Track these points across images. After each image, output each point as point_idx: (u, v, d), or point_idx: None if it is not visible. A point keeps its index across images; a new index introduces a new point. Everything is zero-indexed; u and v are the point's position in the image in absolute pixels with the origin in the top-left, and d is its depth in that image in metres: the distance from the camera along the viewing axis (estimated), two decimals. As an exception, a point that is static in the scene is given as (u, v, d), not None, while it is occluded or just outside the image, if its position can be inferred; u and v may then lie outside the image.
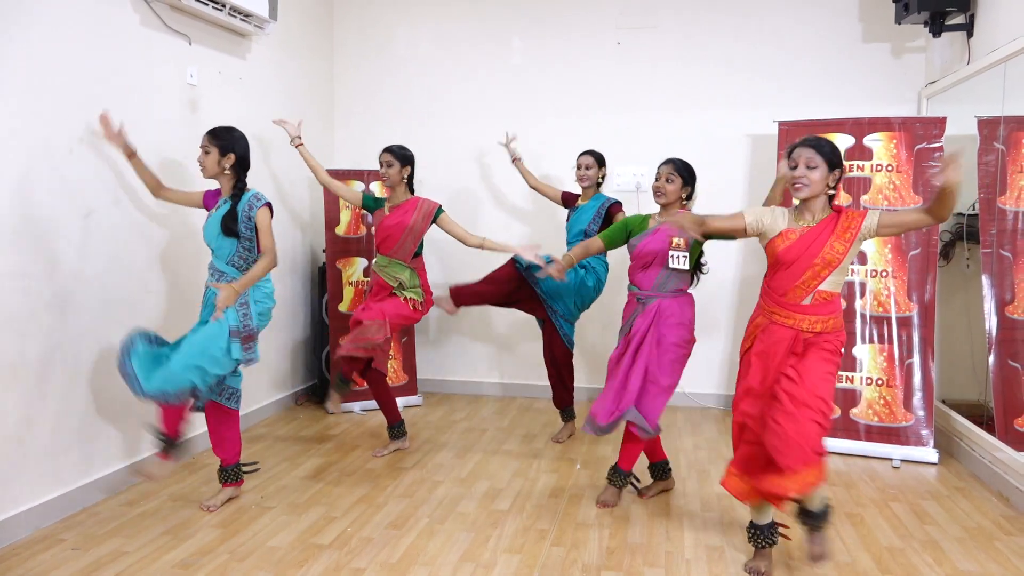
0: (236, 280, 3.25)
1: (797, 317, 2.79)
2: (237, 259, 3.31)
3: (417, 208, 4.07)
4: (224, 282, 3.25)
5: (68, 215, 3.36)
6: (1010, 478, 3.63)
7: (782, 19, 5.13)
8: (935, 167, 2.64)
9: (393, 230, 4.05)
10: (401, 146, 4.11)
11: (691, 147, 5.23)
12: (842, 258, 2.74)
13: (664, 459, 3.73)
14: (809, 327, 2.77)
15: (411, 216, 4.05)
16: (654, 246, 3.43)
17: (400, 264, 4.07)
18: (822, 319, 2.77)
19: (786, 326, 2.80)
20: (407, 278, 4.06)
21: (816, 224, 2.79)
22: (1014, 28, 3.79)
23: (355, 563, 2.95)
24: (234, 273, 3.30)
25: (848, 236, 2.73)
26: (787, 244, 2.79)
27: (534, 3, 5.48)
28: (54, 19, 3.28)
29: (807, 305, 2.78)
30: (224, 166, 3.30)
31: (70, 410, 3.40)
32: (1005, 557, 3.04)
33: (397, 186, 4.10)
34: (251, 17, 4.36)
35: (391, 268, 4.07)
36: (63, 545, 3.08)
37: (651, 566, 2.96)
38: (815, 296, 2.77)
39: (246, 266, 3.31)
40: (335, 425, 4.81)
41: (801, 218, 2.83)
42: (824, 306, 2.78)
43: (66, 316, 3.36)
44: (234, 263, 3.31)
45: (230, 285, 3.18)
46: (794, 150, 2.80)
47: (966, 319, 4.50)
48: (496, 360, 5.71)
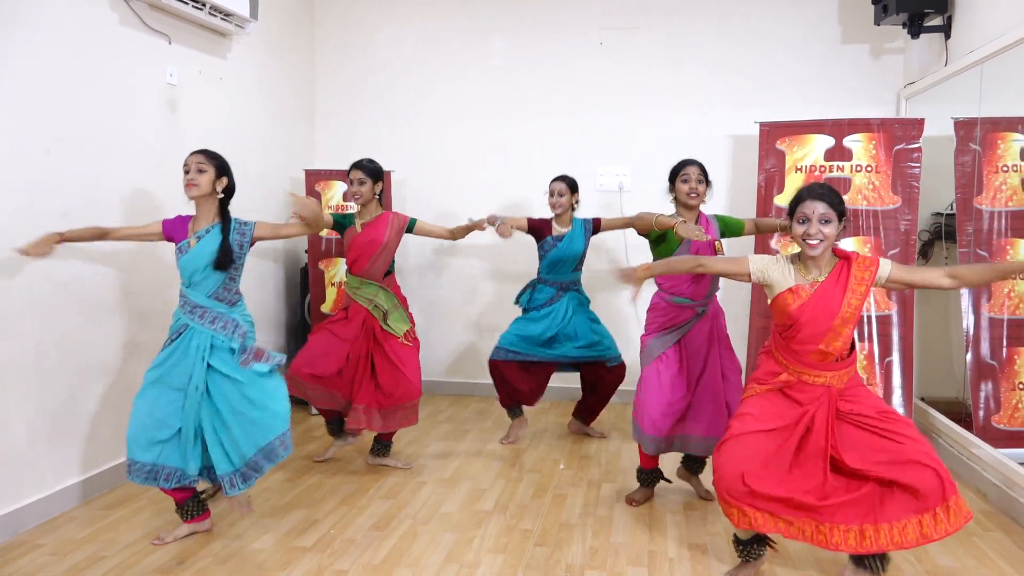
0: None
1: (828, 375, 2.64)
2: (222, 291, 3.09)
3: (389, 224, 3.90)
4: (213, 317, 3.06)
5: (44, 216, 3.31)
6: (988, 474, 3.67)
7: (763, 20, 5.16)
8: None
9: (365, 248, 3.86)
10: (371, 160, 3.93)
11: (673, 147, 5.23)
12: (860, 309, 2.62)
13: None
14: (840, 382, 2.65)
15: (384, 233, 3.88)
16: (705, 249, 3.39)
17: (373, 284, 3.90)
18: (849, 370, 2.67)
19: (816, 383, 2.66)
20: (382, 300, 3.89)
21: (826, 278, 2.64)
22: (990, 30, 3.84)
23: (338, 565, 2.94)
24: (219, 307, 3.07)
25: (863, 290, 2.60)
26: (800, 303, 2.63)
27: (516, 3, 5.48)
28: (31, 18, 3.24)
29: (836, 363, 2.66)
30: (218, 188, 3.11)
31: (46, 413, 3.35)
32: (983, 552, 3.08)
33: (369, 203, 3.91)
34: (232, 16, 4.33)
35: (363, 290, 3.89)
36: (41, 551, 3.04)
37: (634, 565, 2.97)
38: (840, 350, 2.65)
39: (229, 297, 3.11)
40: (317, 427, 4.78)
41: (808, 272, 2.67)
42: (851, 357, 2.68)
43: (42, 318, 3.31)
44: (219, 296, 3.09)
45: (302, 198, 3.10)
46: (800, 204, 2.62)
47: (944, 318, 4.55)
48: (479, 360, 5.70)
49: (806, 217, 2.59)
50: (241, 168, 4.71)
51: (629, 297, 2.95)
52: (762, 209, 4.53)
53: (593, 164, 5.37)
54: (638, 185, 5.30)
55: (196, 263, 3.05)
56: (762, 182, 4.53)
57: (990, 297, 3.95)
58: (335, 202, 5.18)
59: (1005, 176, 3.97)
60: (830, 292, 2.61)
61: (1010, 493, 3.45)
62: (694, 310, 3.46)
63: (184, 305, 3.09)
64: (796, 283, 2.66)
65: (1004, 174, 3.97)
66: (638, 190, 5.28)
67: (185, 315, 3.08)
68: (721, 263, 2.88)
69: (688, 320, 3.46)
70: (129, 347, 3.80)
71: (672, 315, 3.47)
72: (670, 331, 3.47)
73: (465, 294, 5.66)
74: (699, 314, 3.46)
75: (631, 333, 4.94)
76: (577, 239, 4.34)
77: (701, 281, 3.43)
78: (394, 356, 3.85)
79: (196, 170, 3.07)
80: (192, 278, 3.07)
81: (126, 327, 3.79)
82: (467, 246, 5.59)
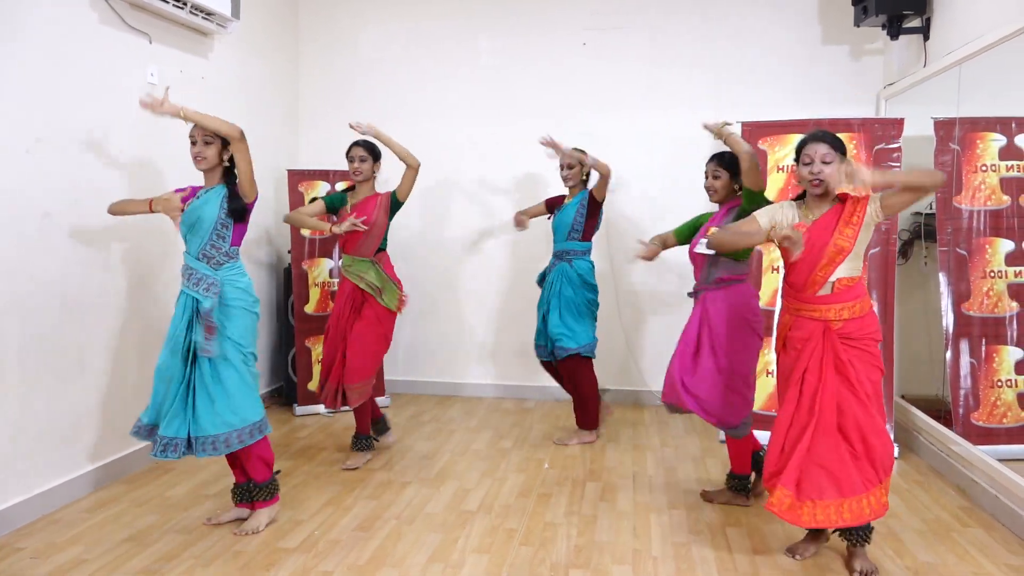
0: None
1: (821, 308, 2.80)
2: (209, 249, 3.13)
3: (378, 204, 4.04)
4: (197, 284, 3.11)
5: (25, 216, 3.29)
6: (967, 471, 3.72)
7: (745, 21, 5.19)
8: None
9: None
10: (370, 141, 4.07)
11: (656, 147, 5.30)
12: (852, 243, 2.74)
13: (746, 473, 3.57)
14: (836, 316, 2.78)
15: (373, 212, 4.01)
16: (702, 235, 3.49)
17: (365, 261, 4.03)
18: (848, 305, 2.78)
19: (812, 319, 2.82)
20: (374, 276, 4.01)
21: (824, 214, 2.81)
22: (968, 31, 3.88)
23: (323, 566, 2.93)
24: (204, 268, 3.10)
25: (855, 220, 2.74)
26: None
27: (501, 3, 5.48)
28: (9, 17, 3.21)
29: (828, 295, 2.80)
30: (224, 158, 3.16)
31: (28, 415, 3.32)
32: (963, 548, 3.11)
33: (367, 181, 4.06)
34: (213, 15, 4.30)
35: (356, 267, 4.03)
36: (21, 554, 3.01)
37: (619, 564, 2.98)
38: (835, 285, 2.79)
39: (216, 257, 3.13)
40: (301, 428, 4.77)
41: (810, 211, 2.85)
42: (846, 292, 2.79)
43: (23, 319, 3.28)
44: (206, 254, 3.12)
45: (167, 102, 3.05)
46: (804, 147, 2.80)
47: (924, 316, 4.59)
48: (464, 361, 5.70)
49: (810, 158, 2.77)
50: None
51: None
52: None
53: (577, 163, 5.38)
54: (622, 184, 5.31)
55: (190, 218, 3.13)
56: (745, 182, 4.56)
57: (969, 296, 3.99)
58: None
59: (984, 175, 4.01)
60: (825, 224, 2.78)
61: (989, 490, 3.49)
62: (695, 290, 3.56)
63: (182, 272, 3.18)
64: (798, 221, 2.85)
65: (983, 173, 4.01)
66: (622, 189, 5.29)
67: (183, 283, 3.17)
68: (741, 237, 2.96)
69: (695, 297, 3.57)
70: (112, 348, 3.77)
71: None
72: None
73: (449, 293, 5.66)
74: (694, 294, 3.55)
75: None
76: (571, 207, 4.47)
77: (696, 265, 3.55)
78: (359, 336, 3.99)
79: (202, 143, 3.14)
80: (185, 234, 3.16)
81: (109, 327, 3.76)
82: (453, 245, 5.59)
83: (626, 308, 5.40)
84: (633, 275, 5.35)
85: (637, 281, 5.36)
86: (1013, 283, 3.95)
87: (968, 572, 2.91)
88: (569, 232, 4.46)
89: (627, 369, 5.44)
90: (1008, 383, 3.91)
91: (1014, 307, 3.93)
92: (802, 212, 2.87)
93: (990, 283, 3.97)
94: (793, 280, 2.86)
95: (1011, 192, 3.98)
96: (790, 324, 2.92)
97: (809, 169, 2.78)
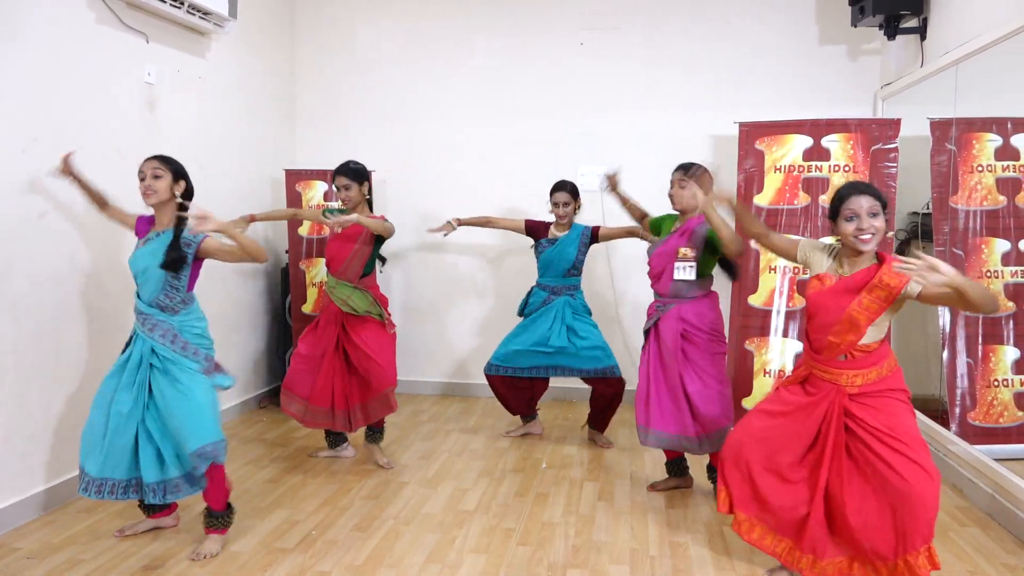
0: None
1: (835, 372, 2.63)
2: (163, 298, 2.96)
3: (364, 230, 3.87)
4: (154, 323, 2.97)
5: (21, 216, 3.28)
6: (964, 471, 3.72)
7: (742, 22, 5.20)
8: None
9: (339, 251, 3.89)
10: (354, 162, 3.88)
11: (654, 147, 5.29)
12: (869, 319, 2.54)
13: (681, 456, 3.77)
14: (849, 382, 2.61)
15: (357, 238, 3.86)
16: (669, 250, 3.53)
17: (347, 285, 3.89)
18: (863, 372, 2.60)
19: (825, 380, 2.66)
20: (357, 300, 3.87)
21: (857, 273, 2.60)
22: (965, 32, 3.89)
23: (320, 566, 2.93)
24: (159, 315, 2.95)
25: (884, 295, 2.52)
26: (817, 289, 2.65)
27: (498, 3, 5.48)
28: (6, 17, 3.21)
29: (844, 362, 2.62)
30: (176, 192, 3.01)
31: (24, 415, 3.32)
32: (960, 547, 3.12)
33: (357, 206, 3.87)
34: (210, 15, 4.30)
35: (339, 289, 3.88)
36: (17, 554, 3.01)
37: (616, 563, 2.98)
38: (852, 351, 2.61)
39: (171, 306, 2.96)
40: (298, 428, 4.76)
41: (843, 265, 2.66)
42: (867, 359, 2.60)
43: (19, 319, 3.28)
44: (160, 303, 2.96)
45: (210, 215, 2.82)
46: (844, 202, 2.57)
47: (921, 316, 4.60)
48: (462, 360, 5.70)
49: (855, 213, 2.54)
50: (220, 168, 4.73)
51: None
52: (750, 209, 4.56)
53: (575, 164, 5.38)
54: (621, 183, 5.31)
55: (138, 265, 2.99)
56: (742, 182, 4.57)
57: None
58: (315, 202, 5.16)
59: (980, 176, 4.02)
60: (847, 286, 2.59)
61: (986, 489, 3.50)
62: (655, 305, 3.62)
63: (135, 311, 3.03)
64: (827, 271, 2.68)
65: (979, 174, 4.02)
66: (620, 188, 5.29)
67: (136, 322, 3.03)
68: (778, 238, 2.88)
69: (652, 315, 3.62)
70: (107, 349, 3.76)
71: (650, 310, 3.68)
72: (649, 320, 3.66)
73: (446, 293, 5.66)
74: (659, 310, 3.58)
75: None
76: (570, 244, 4.37)
77: (659, 281, 3.60)
78: (365, 346, 3.86)
79: (152, 176, 2.97)
80: (136, 280, 3.01)
81: (105, 328, 3.75)
82: (450, 244, 5.59)
83: (624, 310, 5.40)
84: (632, 277, 5.35)
85: (636, 283, 5.36)
86: (1009, 283, 3.96)
87: (965, 571, 2.92)
88: (569, 270, 4.40)
89: (625, 370, 5.43)
90: (1005, 383, 3.92)
91: (1011, 307, 3.93)
92: (835, 263, 2.69)
93: (987, 283, 3.98)
94: (812, 337, 2.69)
95: (1007, 192, 3.98)
96: (806, 376, 2.76)
97: (856, 225, 2.53)
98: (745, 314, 4.48)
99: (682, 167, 3.57)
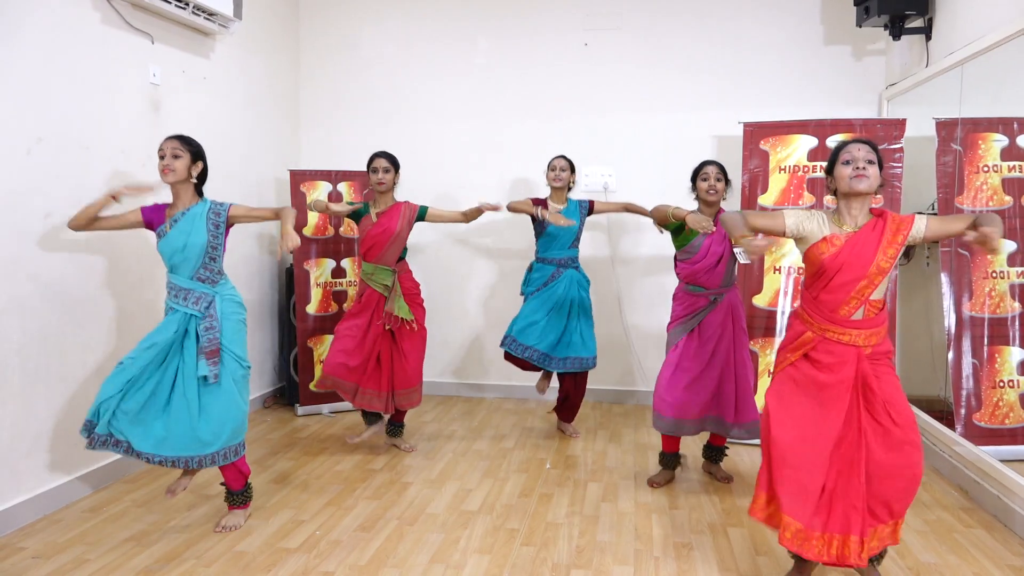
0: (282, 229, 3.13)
1: (853, 333, 2.61)
2: (203, 271, 3.16)
3: (402, 214, 4.14)
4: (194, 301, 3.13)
5: (27, 216, 3.29)
6: (969, 472, 3.71)
7: (746, 22, 5.19)
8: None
9: (380, 238, 4.09)
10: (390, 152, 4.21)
11: (657, 148, 5.30)
12: (893, 264, 2.59)
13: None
14: (866, 342, 2.61)
15: (397, 223, 4.11)
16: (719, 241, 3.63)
17: (386, 270, 4.13)
18: (877, 331, 2.63)
19: (843, 343, 2.63)
20: (392, 283, 4.12)
21: (861, 229, 2.63)
22: (970, 31, 3.88)
23: (324, 566, 2.93)
24: (202, 287, 3.14)
25: (900, 240, 2.59)
26: (833, 250, 2.62)
27: (501, 4, 5.48)
28: (11, 17, 3.22)
29: (860, 320, 2.62)
30: (193, 173, 3.16)
31: (30, 415, 3.33)
32: (964, 549, 3.11)
33: (389, 191, 4.16)
34: (215, 16, 4.31)
35: (377, 275, 4.13)
36: (23, 554, 3.02)
37: (620, 564, 2.98)
38: (867, 307, 2.62)
39: (211, 277, 3.17)
40: (303, 428, 4.77)
41: (843, 222, 2.66)
42: (878, 317, 2.63)
43: (25, 319, 3.29)
44: (200, 276, 3.16)
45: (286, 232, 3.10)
46: (842, 150, 2.65)
47: (926, 316, 4.59)
48: (465, 361, 5.70)
49: (852, 157, 2.61)
50: (225, 169, 4.74)
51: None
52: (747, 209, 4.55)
53: (578, 164, 5.37)
54: (623, 185, 5.32)
55: (174, 244, 3.13)
56: (746, 182, 4.56)
57: (971, 296, 3.99)
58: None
59: (986, 176, 4.01)
60: (865, 240, 2.60)
61: (991, 490, 3.49)
62: (707, 298, 3.67)
63: (170, 291, 3.17)
64: (831, 232, 2.65)
65: (985, 174, 4.01)
66: (623, 190, 5.30)
67: (171, 300, 3.17)
68: (760, 218, 2.80)
69: (703, 308, 3.67)
70: (112, 349, 3.77)
71: (689, 303, 3.71)
72: (687, 319, 3.69)
73: (449, 294, 5.66)
74: (712, 302, 3.66)
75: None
76: (572, 215, 4.47)
77: (714, 271, 3.65)
78: (399, 346, 4.15)
79: (172, 155, 3.12)
80: (172, 260, 3.15)
81: (110, 327, 3.77)
82: (454, 245, 5.59)
83: (628, 309, 5.40)
84: (636, 276, 5.35)
85: (640, 282, 5.36)
86: (1015, 283, 3.95)
87: (970, 573, 2.91)
88: (574, 240, 4.50)
89: (630, 369, 5.44)
90: (1010, 384, 3.90)
91: (1016, 308, 3.92)
92: (834, 221, 2.67)
93: (992, 284, 3.97)
94: (826, 299, 2.64)
95: (1013, 193, 3.97)
96: (814, 344, 2.68)
97: (853, 166, 2.59)
98: (750, 315, 4.47)
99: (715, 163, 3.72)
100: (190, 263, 3.14)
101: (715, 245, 3.64)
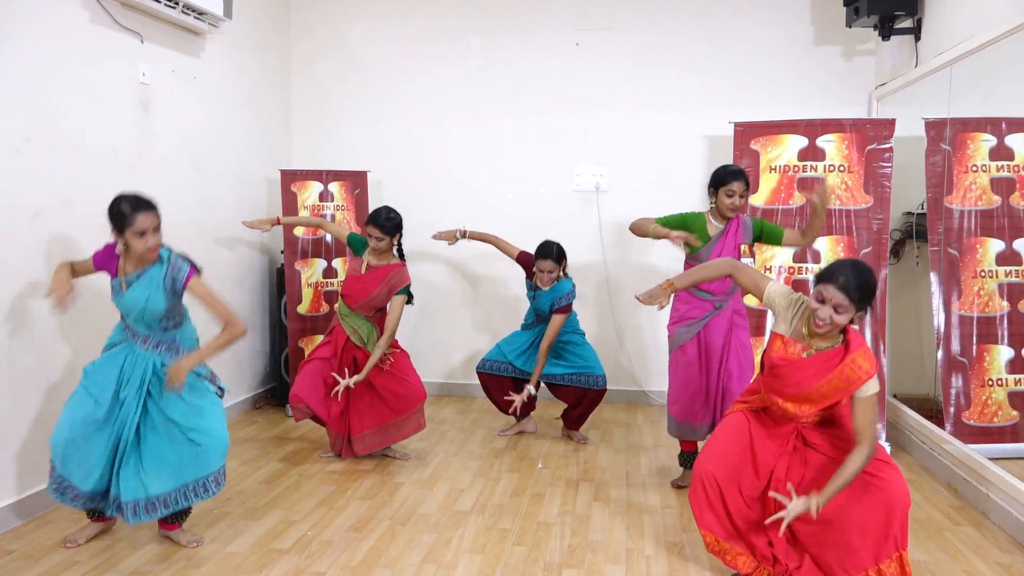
0: (190, 353, 3.00)
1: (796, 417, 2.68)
2: (165, 321, 3.00)
3: (386, 280, 3.99)
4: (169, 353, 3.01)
5: (15, 217, 3.27)
6: (958, 470, 3.73)
7: (736, 22, 5.20)
8: None
9: (359, 291, 3.99)
10: (388, 213, 3.98)
11: (649, 148, 5.31)
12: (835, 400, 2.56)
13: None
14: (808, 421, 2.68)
15: (377, 287, 3.98)
16: (729, 252, 3.58)
17: (360, 318, 4.03)
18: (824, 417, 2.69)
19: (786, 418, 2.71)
20: (366, 332, 4.02)
21: (817, 353, 2.57)
22: (959, 32, 3.90)
23: (316, 567, 2.92)
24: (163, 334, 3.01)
25: (841, 385, 2.51)
26: (781, 354, 2.62)
27: (493, 3, 5.47)
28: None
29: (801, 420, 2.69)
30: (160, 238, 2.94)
31: (19, 418, 3.30)
32: (954, 547, 3.13)
33: (387, 252, 4.05)
34: (205, 15, 4.28)
35: (351, 319, 4.03)
36: (11, 556, 3.00)
37: (612, 563, 2.98)
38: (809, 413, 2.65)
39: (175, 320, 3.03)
40: (294, 428, 4.76)
41: (808, 335, 2.59)
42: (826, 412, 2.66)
43: (12, 321, 3.26)
44: (163, 325, 3.00)
45: (182, 363, 2.92)
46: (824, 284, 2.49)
47: (915, 315, 4.62)
48: (457, 361, 5.70)
49: (823, 298, 2.49)
50: (215, 169, 4.72)
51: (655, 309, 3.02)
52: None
53: (570, 164, 5.39)
54: (614, 185, 5.33)
55: (130, 306, 2.95)
56: (737, 182, 4.57)
57: (960, 295, 4.01)
58: (311, 203, 5.14)
59: (975, 176, 4.03)
60: (811, 366, 2.55)
61: (980, 488, 3.51)
62: (713, 304, 3.63)
63: (127, 330, 3.04)
64: (792, 335, 2.62)
65: (974, 174, 4.03)
66: (614, 189, 5.31)
67: (128, 338, 3.03)
68: (747, 276, 2.81)
69: (707, 313, 3.63)
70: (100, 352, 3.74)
71: (692, 305, 3.66)
72: (690, 323, 3.64)
73: (441, 294, 5.65)
74: (717, 308, 3.63)
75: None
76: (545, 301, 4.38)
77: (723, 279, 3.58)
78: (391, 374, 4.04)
79: (153, 231, 2.88)
80: (132, 314, 2.97)
81: (100, 329, 3.72)
82: (445, 245, 5.58)
83: (620, 309, 5.40)
84: (627, 277, 5.35)
85: (631, 282, 5.36)
86: (1004, 283, 3.97)
87: (959, 570, 2.93)
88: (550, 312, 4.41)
89: (620, 369, 5.44)
90: (999, 382, 3.93)
91: (1005, 306, 3.95)
92: (803, 324, 2.61)
93: (981, 283, 3.99)
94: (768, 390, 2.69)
95: (1001, 192, 4.00)
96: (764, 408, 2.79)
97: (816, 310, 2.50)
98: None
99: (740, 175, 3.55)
100: (154, 314, 2.96)
101: (725, 254, 3.60)
